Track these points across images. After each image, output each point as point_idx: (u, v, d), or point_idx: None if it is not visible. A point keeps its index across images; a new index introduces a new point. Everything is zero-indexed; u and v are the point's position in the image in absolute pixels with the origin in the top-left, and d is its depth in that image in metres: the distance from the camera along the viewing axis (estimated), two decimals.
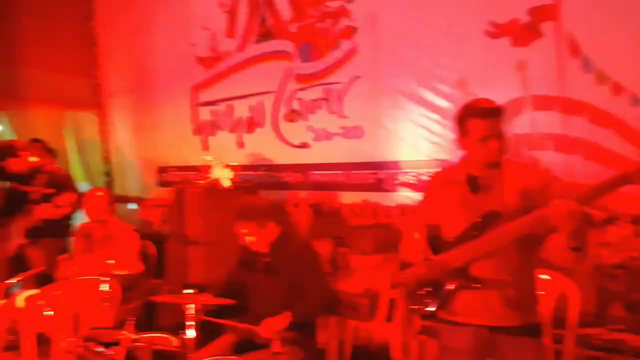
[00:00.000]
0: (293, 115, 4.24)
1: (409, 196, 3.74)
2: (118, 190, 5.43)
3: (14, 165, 3.98)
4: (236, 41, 4.53)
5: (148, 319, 3.45)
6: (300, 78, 4.18)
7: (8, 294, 2.89)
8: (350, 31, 3.85)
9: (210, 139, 4.81)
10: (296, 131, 4.25)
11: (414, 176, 3.72)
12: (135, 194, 5.33)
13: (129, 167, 5.52)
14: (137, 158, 5.44)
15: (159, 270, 3.69)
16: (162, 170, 5.21)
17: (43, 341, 2.77)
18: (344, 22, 3.88)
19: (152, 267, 3.49)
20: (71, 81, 5.51)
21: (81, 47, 5.50)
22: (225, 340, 2.57)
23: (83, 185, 4.96)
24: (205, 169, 3.93)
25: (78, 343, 2.19)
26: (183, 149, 4.96)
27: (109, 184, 5.58)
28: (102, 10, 5.51)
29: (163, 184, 5.21)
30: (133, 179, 5.47)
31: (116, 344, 2.24)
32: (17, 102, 5.26)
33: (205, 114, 4.81)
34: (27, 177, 4.01)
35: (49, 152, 4.34)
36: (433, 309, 1.92)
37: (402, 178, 3.77)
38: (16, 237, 4.00)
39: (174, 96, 4.95)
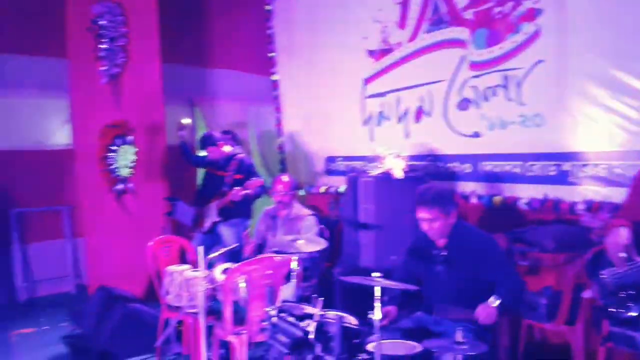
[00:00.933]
0: (465, 104, 4.14)
1: (597, 191, 3.42)
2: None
3: (212, 153, 4.55)
4: (407, 32, 4.56)
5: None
6: (475, 65, 4.05)
7: (210, 265, 3.33)
8: (534, 13, 3.62)
9: (377, 129, 4.92)
10: (468, 120, 4.14)
11: (604, 169, 3.39)
12: (305, 182, 5.69)
13: (300, 156, 5.90)
14: (308, 148, 5.79)
15: (331, 253, 3.92)
16: (331, 159, 5.48)
17: (239, 309, 3.15)
18: (527, 4, 3.65)
19: (324, 249, 3.72)
20: (252, 78, 6.09)
21: (261, 47, 6.02)
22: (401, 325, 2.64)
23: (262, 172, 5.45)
24: (375, 158, 4.03)
25: (272, 313, 2.42)
26: (351, 140, 5.15)
27: (283, 172, 6.04)
28: (279, 10, 5.95)
29: (331, 172, 5.49)
30: (303, 168, 5.84)
31: (303, 317, 2.44)
32: (208, 98, 5.97)
33: (373, 105, 4.93)
34: (221, 164, 4.55)
35: (238, 142, 4.87)
36: (635, 314, 1.74)
37: (590, 170, 3.45)
38: (211, 216, 4.56)
39: (344, 89, 5.16)
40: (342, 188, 5.02)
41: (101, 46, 4.72)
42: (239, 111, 6.10)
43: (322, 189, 5.45)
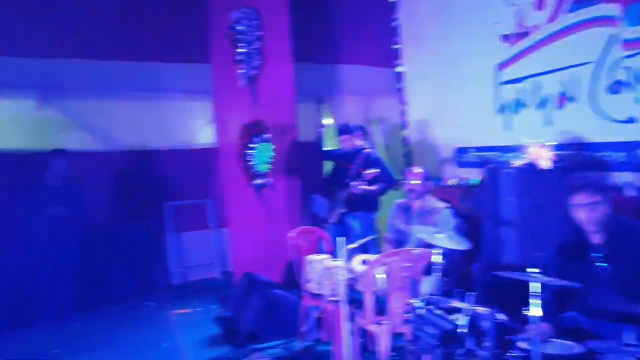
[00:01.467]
0: (617, 87, 3.78)
1: None
2: None
3: (344, 142, 4.71)
4: (546, 13, 4.27)
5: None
6: (628, 44, 3.68)
7: (349, 255, 3.45)
8: None
9: (513, 117, 4.68)
10: (620, 104, 3.77)
11: None
12: (433, 174, 5.60)
13: (427, 148, 5.82)
14: (435, 139, 5.69)
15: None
16: (461, 151, 5.34)
17: (379, 300, 3.23)
18: None
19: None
20: (377, 71, 6.15)
21: (385, 39, 6.03)
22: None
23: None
24: (514, 148, 3.85)
25: (418, 305, 2.46)
26: (484, 130, 4.97)
27: (408, 165, 6.01)
28: (404, 1, 5.91)
29: (461, 164, 5.34)
30: (430, 160, 5.75)
31: (451, 311, 2.44)
32: (335, 94, 6.15)
33: (508, 92, 4.70)
34: (349, 157, 4.68)
35: (367, 137, 4.95)
36: None
37: None
38: (339, 208, 4.71)
39: (475, 76, 4.99)
40: (475, 180, 4.86)
41: (239, 50, 5.07)
42: (364, 105, 6.19)
43: (452, 182, 5.33)
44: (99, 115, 5.52)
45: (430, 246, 3.08)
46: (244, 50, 5.06)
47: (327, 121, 5.91)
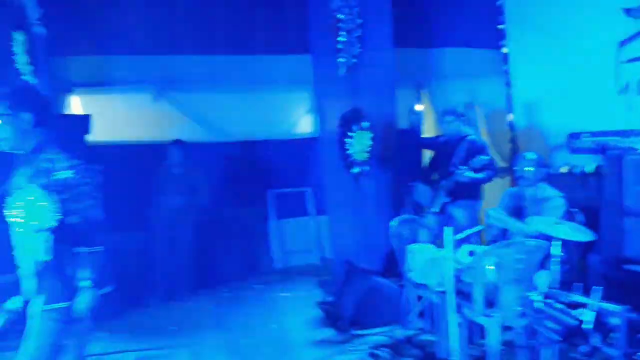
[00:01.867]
0: None
1: None
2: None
3: (447, 130, 4.59)
4: None
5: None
6: None
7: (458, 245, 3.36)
8: None
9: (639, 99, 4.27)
10: None
11: None
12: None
13: (534, 133, 5.49)
14: (544, 124, 5.36)
15: None
16: (574, 136, 4.97)
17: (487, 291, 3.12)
18: None
19: None
20: (480, 53, 5.88)
21: (489, 19, 5.75)
22: None
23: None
24: (638, 133, 3.52)
25: (536, 299, 2.35)
26: (602, 112, 4.59)
27: (513, 151, 5.71)
28: None
29: (574, 150, 4.98)
30: (539, 146, 5.42)
31: (572, 305, 2.30)
32: (435, 78, 5.99)
33: (632, 71, 4.29)
34: (453, 144, 4.54)
35: (469, 123, 4.77)
36: None
37: None
38: (441, 197, 4.60)
39: (591, 55, 4.61)
40: (590, 167, 4.52)
41: (339, 39, 5.10)
42: (466, 89, 5.97)
43: (564, 169, 4.99)
44: (208, 108, 5.85)
45: (546, 237, 2.92)
46: (344, 38, 5.08)
47: (428, 107, 5.78)
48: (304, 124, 6.23)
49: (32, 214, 2.08)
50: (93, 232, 2.21)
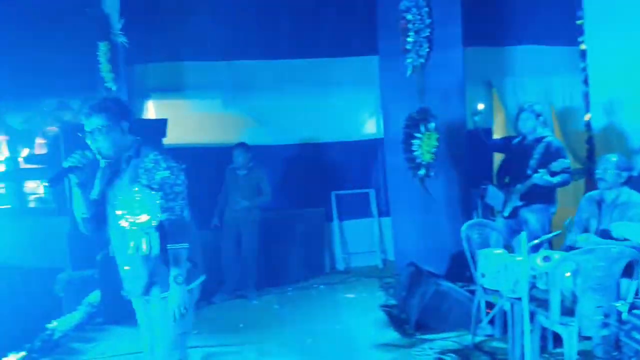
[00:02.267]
0: None
1: None
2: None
3: (521, 130, 4.43)
4: None
5: None
6: None
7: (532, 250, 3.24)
8: None
9: None
10: None
11: None
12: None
13: (614, 134, 5.19)
14: (624, 124, 5.04)
15: None
16: None
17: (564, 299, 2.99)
18: None
19: None
20: (555, 50, 5.64)
21: (566, 15, 5.50)
22: None
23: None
24: None
25: (621, 309, 2.22)
26: None
27: (590, 153, 5.43)
28: None
29: None
30: (618, 148, 5.11)
31: None
32: (506, 77, 5.80)
33: None
34: (528, 145, 4.38)
35: (545, 123, 4.53)
36: None
37: None
38: (513, 200, 4.43)
39: None
40: None
41: (407, 39, 5.06)
42: (539, 87, 5.74)
43: None
44: (275, 111, 5.97)
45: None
46: (412, 39, 5.03)
47: (498, 106, 5.61)
48: (369, 126, 6.22)
49: (139, 212, 2.24)
50: (187, 229, 2.36)
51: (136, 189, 2.26)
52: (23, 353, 3.74)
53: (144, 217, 2.25)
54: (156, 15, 5.62)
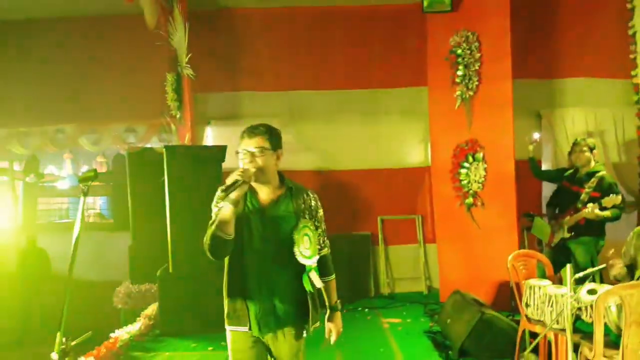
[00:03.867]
0: None
1: None
2: None
3: (573, 162, 4.46)
4: None
5: None
6: None
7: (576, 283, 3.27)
8: None
9: None
10: None
11: None
12: None
13: None
14: None
15: None
16: None
17: (609, 332, 3.00)
18: None
19: None
20: (607, 83, 5.65)
21: (618, 49, 5.52)
22: None
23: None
24: None
25: None
26: None
27: None
28: None
29: None
30: None
31: None
32: (556, 108, 5.83)
33: None
34: (580, 178, 4.40)
35: (595, 154, 4.52)
36: None
37: None
38: (561, 232, 4.44)
39: None
40: None
41: (457, 72, 5.23)
42: (590, 119, 5.73)
43: None
44: (325, 138, 6.24)
45: None
46: (462, 72, 5.20)
47: (549, 138, 5.64)
48: (417, 154, 6.37)
49: (308, 247, 2.29)
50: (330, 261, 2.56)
51: (302, 224, 2.30)
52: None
53: (311, 251, 2.30)
54: (219, 49, 6.04)
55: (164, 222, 4.93)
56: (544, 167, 5.73)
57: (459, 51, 5.20)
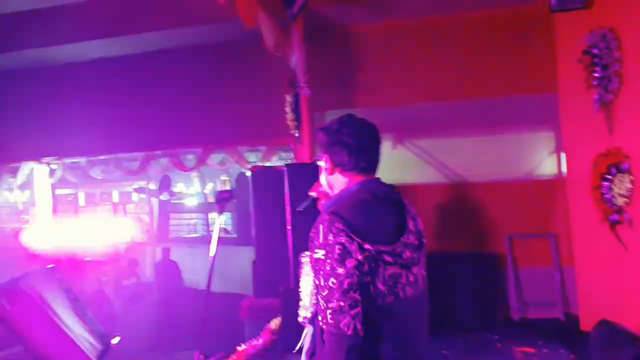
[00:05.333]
0: None
1: None
2: None
3: None
4: None
5: None
6: None
7: None
8: None
9: None
10: None
11: None
12: None
13: None
14: None
15: None
16: None
17: None
18: None
19: None
20: None
21: None
22: None
23: None
24: None
25: None
26: None
27: None
28: None
29: None
30: None
31: None
32: None
33: None
34: None
35: None
36: None
37: None
38: None
39: None
40: None
41: (594, 75, 4.71)
42: None
43: None
44: (445, 151, 6.00)
45: None
46: (599, 74, 4.68)
47: None
48: (548, 165, 5.86)
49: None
50: None
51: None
52: None
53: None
54: (335, 67, 6.12)
55: (285, 238, 5.02)
56: None
57: (595, 51, 4.69)
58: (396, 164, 6.05)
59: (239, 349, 4.73)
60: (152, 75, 6.88)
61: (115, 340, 2.94)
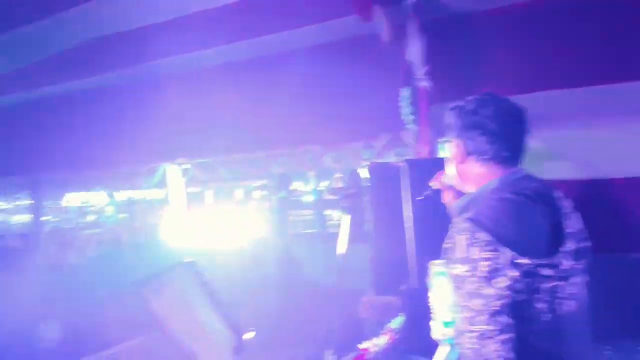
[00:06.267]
0: None
1: None
2: None
3: None
4: None
5: None
6: None
7: None
8: None
9: None
10: None
11: None
12: None
13: None
14: None
15: None
16: None
17: None
18: None
19: None
20: None
21: None
22: None
23: None
24: None
25: None
26: None
27: None
28: None
29: None
30: None
31: None
32: None
33: None
34: None
35: None
36: None
37: None
38: None
39: None
40: None
41: None
42: None
43: None
44: (581, 143, 5.45)
45: None
46: None
47: None
48: None
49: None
50: None
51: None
52: None
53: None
54: (455, 57, 5.86)
55: (403, 235, 4.90)
56: None
57: None
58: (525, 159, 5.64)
59: (362, 346, 4.71)
60: (271, 77, 7.14)
61: (249, 335, 3.06)
